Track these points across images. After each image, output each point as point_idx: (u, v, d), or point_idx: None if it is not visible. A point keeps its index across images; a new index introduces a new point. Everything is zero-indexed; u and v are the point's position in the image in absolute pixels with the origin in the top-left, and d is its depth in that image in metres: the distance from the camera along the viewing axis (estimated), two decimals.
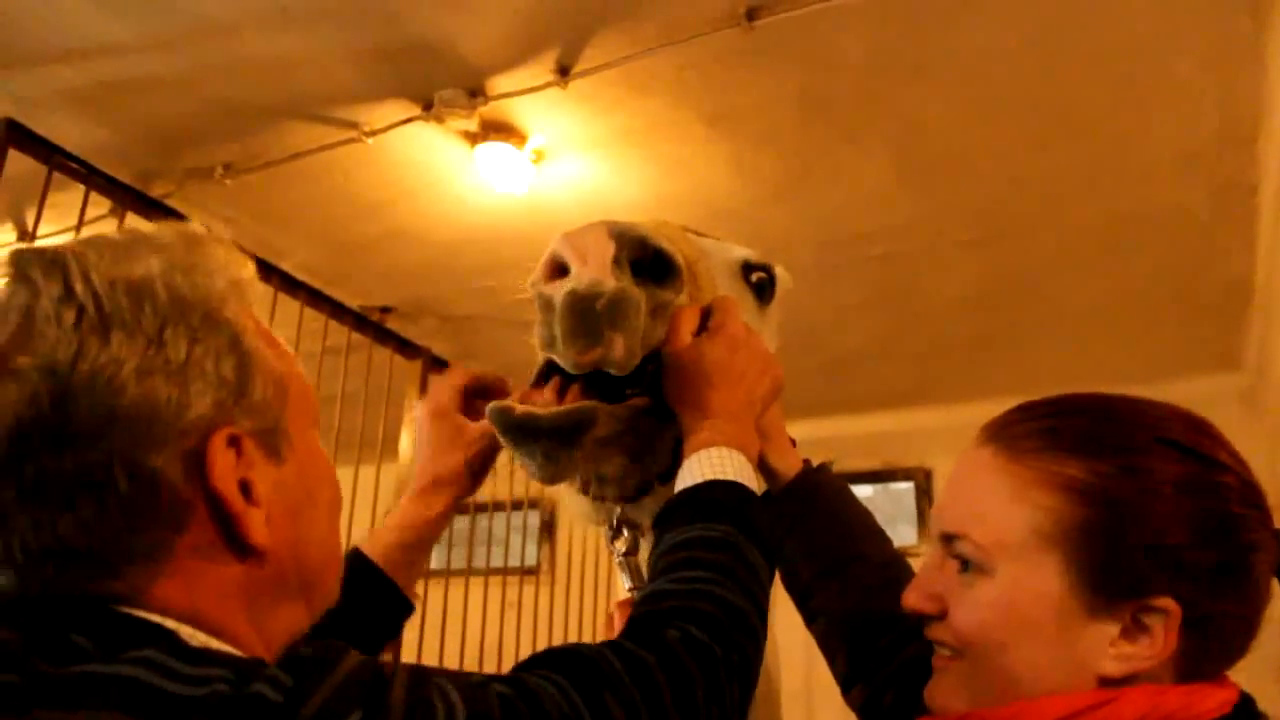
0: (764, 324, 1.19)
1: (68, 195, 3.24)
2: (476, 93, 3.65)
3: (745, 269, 1.20)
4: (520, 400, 1.00)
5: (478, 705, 0.63)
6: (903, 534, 6.18)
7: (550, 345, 0.96)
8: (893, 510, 6.35)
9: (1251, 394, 5.16)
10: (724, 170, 4.03)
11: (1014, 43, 3.23)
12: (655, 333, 0.97)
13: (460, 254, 4.70)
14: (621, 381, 1.00)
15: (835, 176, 4.04)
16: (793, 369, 1.08)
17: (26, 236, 4.06)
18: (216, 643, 0.64)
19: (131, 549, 0.63)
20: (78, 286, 0.65)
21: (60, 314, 0.64)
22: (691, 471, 0.93)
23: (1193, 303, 4.81)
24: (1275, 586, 0.85)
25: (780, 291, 1.25)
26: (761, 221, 4.24)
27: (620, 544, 1.09)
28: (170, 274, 0.68)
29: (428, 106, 3.73)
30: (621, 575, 1.10)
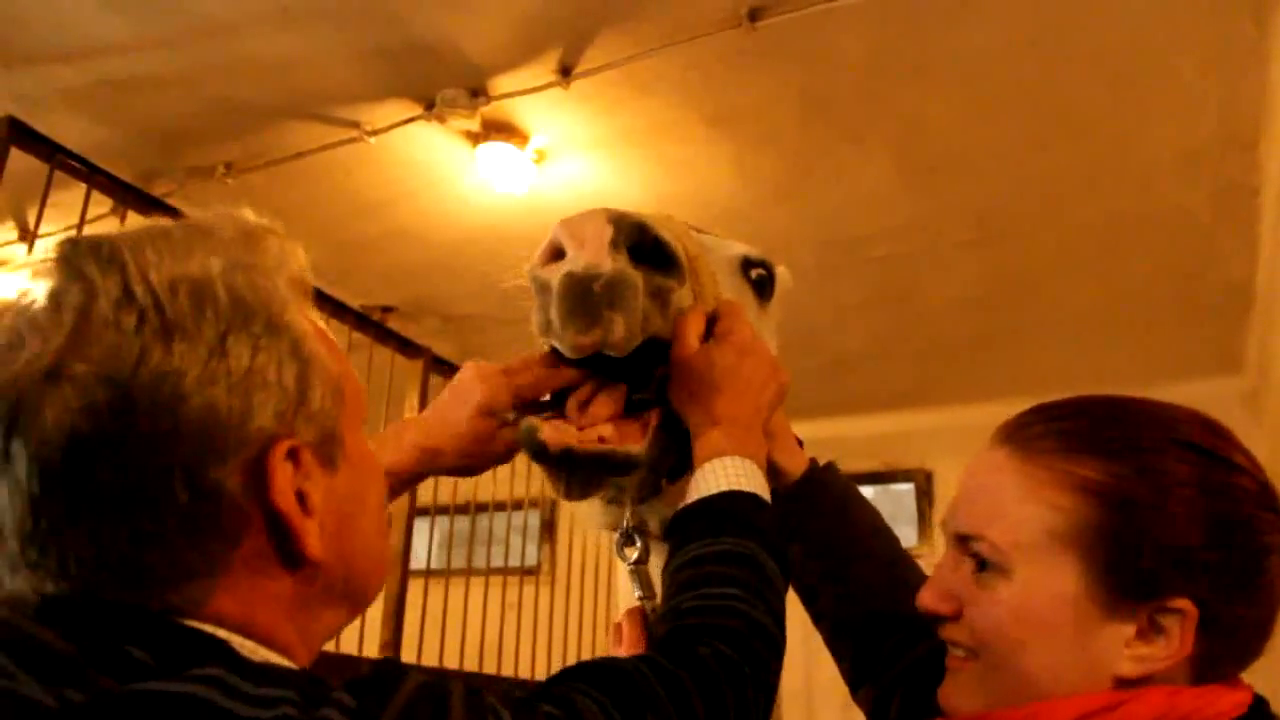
0: (764, 321, 1.19)
1: (69, 194, 3.25)
2: (478, 93, 3.66)
3: (745, 265, 1.19)
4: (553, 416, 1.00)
5: None
6: (903, 535, 6.09)
7: (548, 329, 0.96)
8: (893, 511, 6.35)
9: (1253, 396, 5.15)
10: (725, 170, 4.03)
11: (1015, 44, 3.23)
12: (655, 320, 0.96)
13: (462, 254, 4.71)
14: (631, 387, 1.01)
15: (836, 177, 4.05)
16: (793, 369, 1.07)
17: (28, 235, 4.06)
18: (265, 651, 0.63)
19: (189, 563, 0.61)
20: (137, 288, 0.61)
21: (120, 318, 0.60)
22: (706, 481, 0.93)
23: (1193, 304, 4.81)
24: None
25: (780, 291, 1.24)
26: (762, 222, 4.24)
27: (631, 552, 1.08)
28: (231, 275, 0.65)
29: (429, 106, 3.73)
30: (632, 584, 1.08)
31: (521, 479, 4.86)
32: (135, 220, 3.34)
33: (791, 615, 1.16)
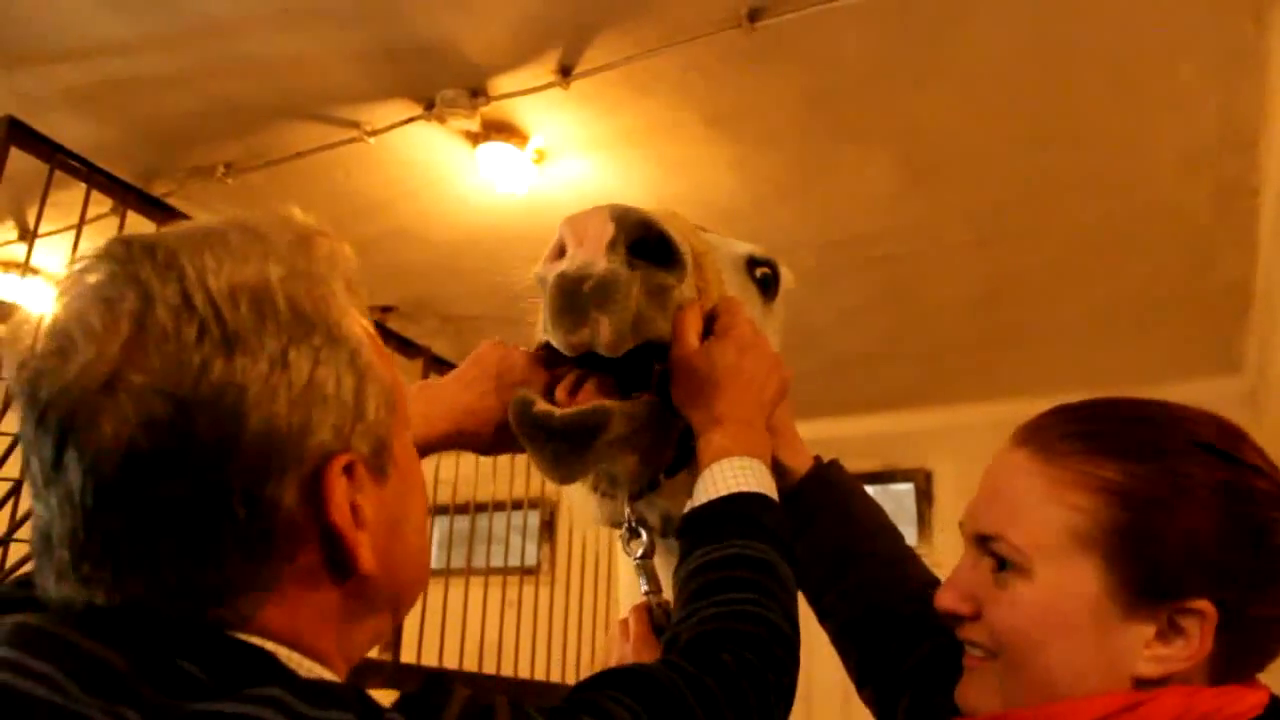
0: (769, 320, 1.19)
1: (69, 193, 3.25)
2: (478, 93, 3.65)
3: (750, 264, 1.19)
4: (550, 390, 1.01)
5: None
6: None
7: (546, 327, 0.97)
8: (892, 511, 6.19)
9: (1252, 397, 5.15)
10: (725, 171, 4.03)
11: (1017, 45, 3.23)
12: (656, 319, 0.96)
13: (461, 254, 4.71)
14: (630, 382, 1.00)
15: (837, 178, 4.05)
16: (793, 370, 1.07)
17: (27, 235, 4.06)
18: (309, 663, 0.62)
19: (243, 578, 0.60)
20: (197, 297, 0.59)
21: (180, 329, 0.58)
22: (715, 482, 0.93)
23: (1194, 305, 4.81)
24: None
25: (784, 291, 1.25)
26: (763, 222, 4.24)
27: (636, 546, 1.08)
28: (289, 283, 0.63)
29: (429, 106, 3.73)
30: (639, 579, 1.08)
31: (521, 479, 4.86)
32: (135, 220, 3.35)
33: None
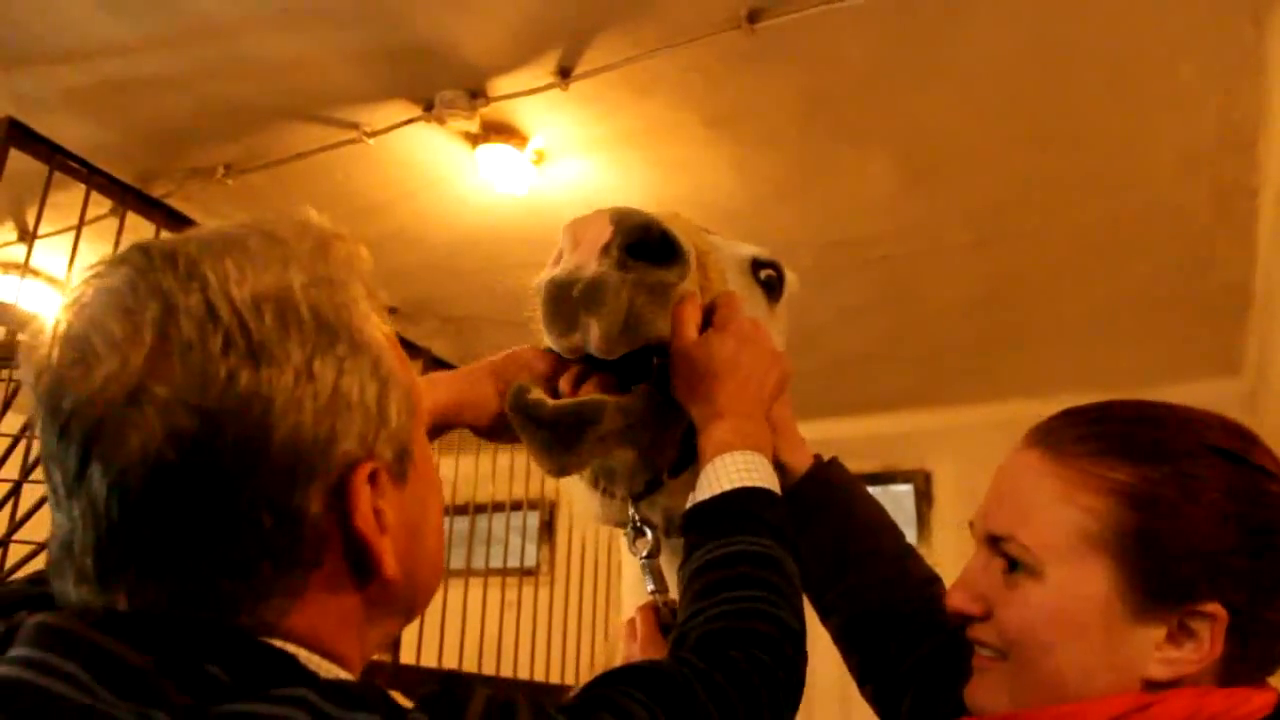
0: (773, 323, 1.19)
1: (68, 195, 3.25)
2: (477, 94, 3.66)
3: (754, 266, 1.20)
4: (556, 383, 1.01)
5: None
6: None
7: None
8: (891, 513, 6.31)
9: (1252, 398, 5.15)
10: (725, 172, 4.03)
11: (1016, 46, 3.23)
12: (656, 319, 0.96)
13: (461, 255, 4.71)
14: (630, 376, 1.00)
15: (836, 179, 4.05)
16: (792, 370, 1.07)
17: (27, 236, 4.06)
18: (329, 665, 0.63)
19: (268, 585, 0.60)
20: (221, 307, 0.58)
21: (205, 339, 0.57)
22: (718, 477, 0.93)
23: (1193, 306, 4.81)
24: None
25: (788, 294, 1.25)
26: (763, 223, 4.24)
27: (642, 545, 1.08)
28: (312, 291, 0.63)
29: (429, 107, 3.73)
30: (644, 578, 1.08)
31: (521, 480, 4.86)
32: (134, 221, 3.35)
33: None
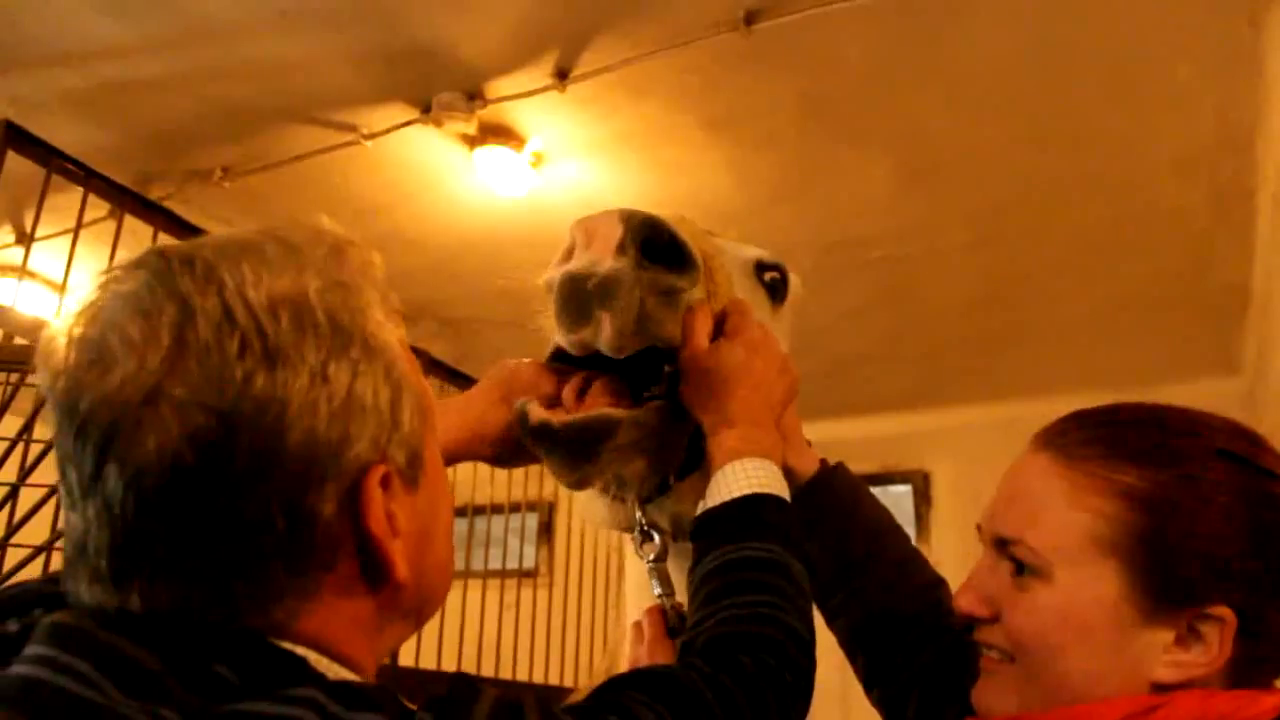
0: (777, 325, 1.19)
1: (66, 197, 3.24)
2: (475, 96, 3.65)
3: (759, 268, 1.20)
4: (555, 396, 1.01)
5: None
6: None
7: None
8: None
9: (1250, 398, 5.16)
10: (723, 174, 4.03)
11: (1014, 47, 3.23)
12: (665, 321, 0.96)
13: (459, 257, 4.70)
14: (639, 383, 1.01)
15: (835, 180, 4.05)
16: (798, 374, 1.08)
17: (24, 239, 4.05)
18: (338, 668, 0.63)
19: (280, 587, 0.60)
20: (238, 310, 0.59)
21: (222, 342, 0.58)
22: (728, 484, 0.93)
23: (1191, 306, 4.81)
24: None
25: (792, 296, 1.25)
26: (761, 225, 4.24)
27: (649, 549, 1.08)
28: (327, 296, 0.63)
29: (426, 110, 3.73)
30: (651, 581, 1.08)
31: (519, 482, 4.86)
32: (132, 224, 3.35)
33: None
